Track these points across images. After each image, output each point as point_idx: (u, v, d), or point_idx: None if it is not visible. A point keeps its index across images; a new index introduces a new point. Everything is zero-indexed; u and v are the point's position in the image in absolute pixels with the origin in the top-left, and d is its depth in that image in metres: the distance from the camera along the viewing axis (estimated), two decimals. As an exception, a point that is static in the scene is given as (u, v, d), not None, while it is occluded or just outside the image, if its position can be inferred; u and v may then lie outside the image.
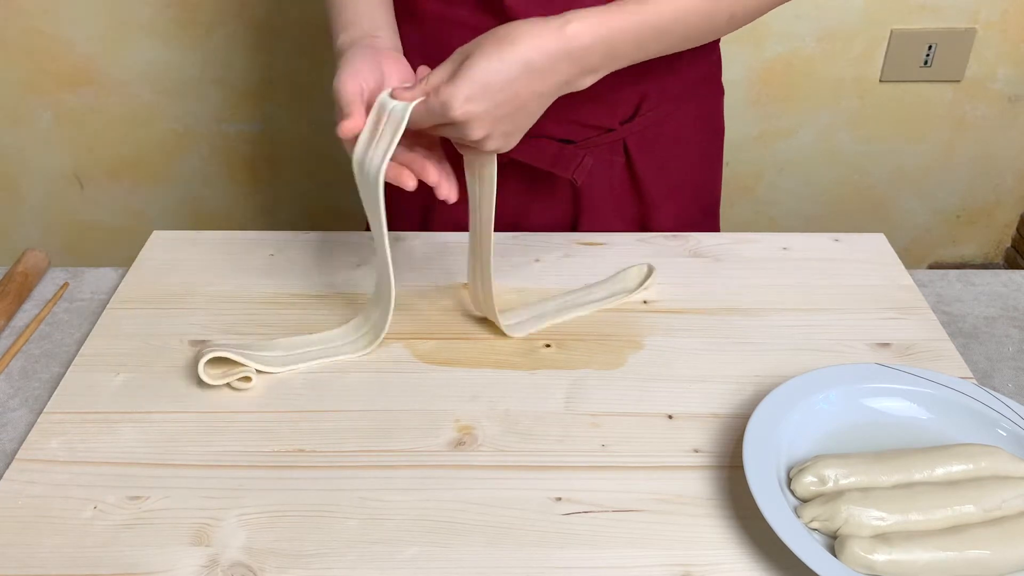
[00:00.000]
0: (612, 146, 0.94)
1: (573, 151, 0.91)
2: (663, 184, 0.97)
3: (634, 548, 0.61)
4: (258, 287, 0.86)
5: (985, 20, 1.76)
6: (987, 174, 1.95)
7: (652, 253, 0.91)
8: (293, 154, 1.86)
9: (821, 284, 0.87)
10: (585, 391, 0.74)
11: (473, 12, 0.86)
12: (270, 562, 0.60)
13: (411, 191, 0.72)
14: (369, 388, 0.75)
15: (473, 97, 0.65)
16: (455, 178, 0.73)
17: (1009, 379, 0.77)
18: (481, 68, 0.65)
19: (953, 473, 0.63)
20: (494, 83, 0.66)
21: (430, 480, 0.66)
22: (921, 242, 2.04)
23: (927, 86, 1.83)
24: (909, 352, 0.78)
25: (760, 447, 0.64)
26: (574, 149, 0.91)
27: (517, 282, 0.87)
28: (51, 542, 0.61)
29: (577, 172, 0.91)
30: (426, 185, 0.97)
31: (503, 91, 0.66)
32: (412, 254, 0.92)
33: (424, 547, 0.61)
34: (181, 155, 1.85)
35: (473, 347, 0.79)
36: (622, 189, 0.97)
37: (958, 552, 0.57)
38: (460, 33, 0.86)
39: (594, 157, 0.92)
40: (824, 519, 0.60)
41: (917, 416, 0.70)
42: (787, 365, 0.76)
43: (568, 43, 0.68)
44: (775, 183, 1.94)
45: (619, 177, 0.96)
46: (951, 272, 0.91)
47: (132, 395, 0.74)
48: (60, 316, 0.84)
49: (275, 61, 1.74)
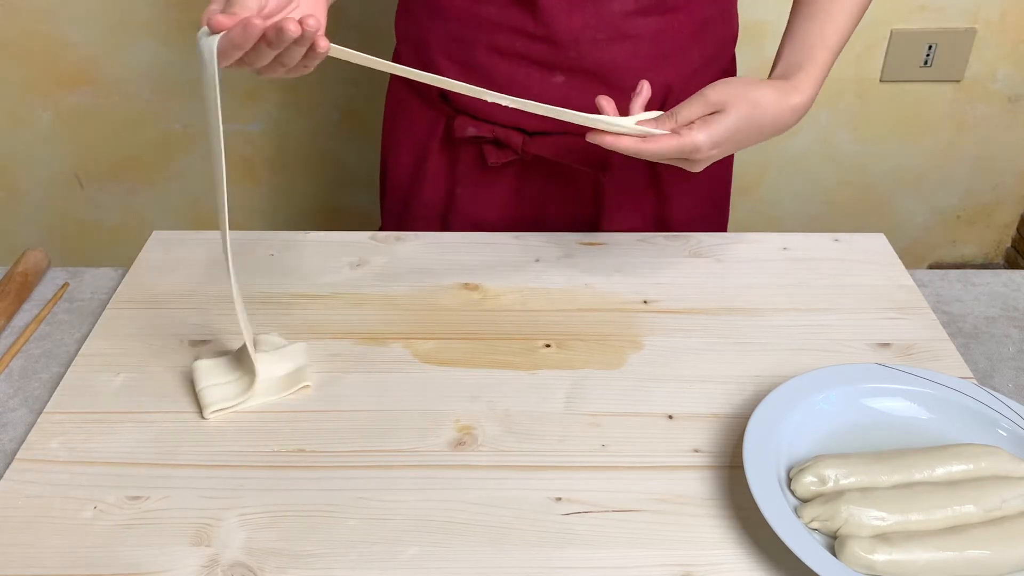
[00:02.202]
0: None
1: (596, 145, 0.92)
2: (681, 178, 0.98)
3: (634, 548, 0.61)
4: (258, 287, 0.86)
5: (985, 20, 1.76)
6: (987, 174, 1.95)
7: (653, 253, 0.91)
8: (293, 154, 1.86)
9: (821, 284, 0.87)
10: (585, 391, 0.74)
11: (502, 8, 0.86)
12: (270, 562, 0.60)
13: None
14: (369, 388, 0.75)
15: (718, 145, 0.76)
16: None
17: (1009, 379, 0.77)
18: (731, 128, 0.76)
19: (953, 473, 0.63)
20: (735, 137, 0.77)
21: (430, 480, 0.66)
22: (921, 242, 2.04)
23: (927, 86, 1.83)
24: (909, 352, 0.78)
25: (760, 447, 0.64)
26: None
27: (517, 282, 0.87)
28: (51, 542, 0.61)
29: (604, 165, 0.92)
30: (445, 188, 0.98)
31: (739, 142, 0.78)
32: (413, 254, 0.92)
33: (424, 547, 0.61)
34: (181, 155, 1.85)
35: (473, 347, 0.79)
36: (642, 183, 0.98)
37: (958, 552, 0.57)
38: (487, 30, 0.87)
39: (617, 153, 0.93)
40: (824, 519, 0.60)
41: (917, 416, 0.70)
42: (787, 365, 0.76)
43: (799, 113, 0.81)
44: (775, 183, 1.94)
45: (639, 175, 0.97)
46: (951, 272, 0.91)
47: (132, 395, 0.73)
48: (60, 316, 0.84)
49: (275, 61, 1.74)
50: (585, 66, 0.88)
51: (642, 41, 0.88)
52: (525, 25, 0.86)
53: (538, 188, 0.97)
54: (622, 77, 0.88)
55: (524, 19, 0.86)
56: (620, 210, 0.98)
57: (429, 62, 0.93)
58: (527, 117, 0.90)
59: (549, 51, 0.87)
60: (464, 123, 0.94)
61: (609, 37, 0.87)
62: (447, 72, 0.91)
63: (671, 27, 0.88)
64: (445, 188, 0.99)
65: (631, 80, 0.88)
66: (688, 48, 0.91)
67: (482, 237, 0.94)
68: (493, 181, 0.97)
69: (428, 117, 0.98)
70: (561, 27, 0.85)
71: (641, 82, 0.79)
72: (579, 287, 0.87)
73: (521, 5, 0.85)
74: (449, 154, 0.98)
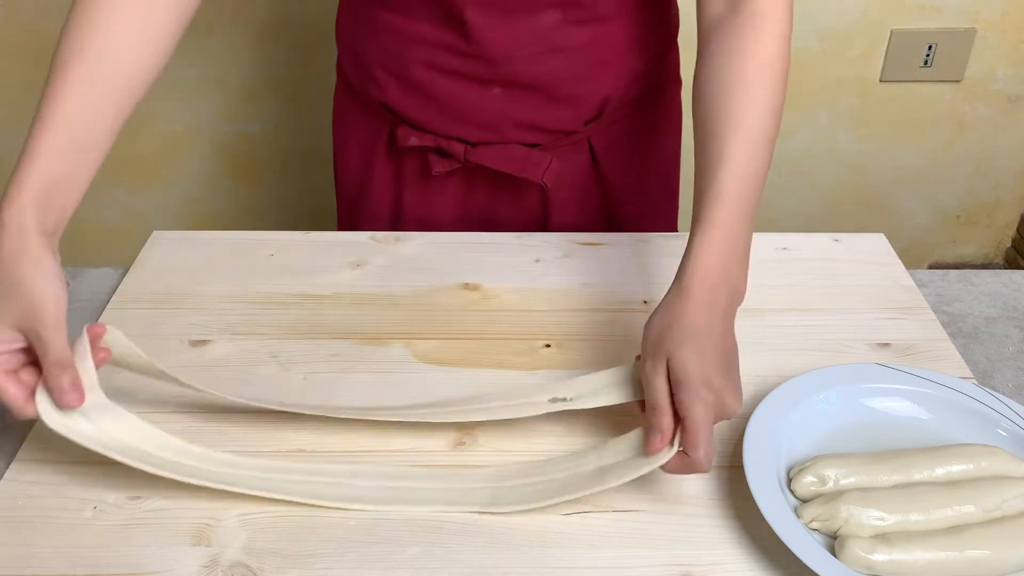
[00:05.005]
0: (577, 145, 0.94)
1: (540, 155, 0.92)
2: (627, 176, 0.99)
3: (634, 548, 0.61)
4: (258, 287, 0.86)
5: (985, 20, 1.76)
6: (987, 174, 1.95)
7: (653, 253, 0.91)
8: (293, 154, 1.86)
9: (821, 284, 0.87)
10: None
11: (435, 28, 0.85)
12: (270, 562, 0.60)
13: None
14: (369, 388, 0.75)
15: (707, 399, 0.61)
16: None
17: (1009, 379, 0.77)
18: (697, 372, 0.61)
19: (953, 473, 0.63)
20: (708, 374, 0.61)
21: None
22: (921, 242, 2.04)
23: (927, 86, 1.83)
24: (909, 352, 0.78)
25: (760, 447, 0.64)
26: (541, 153, 0.92)
27: (517, 282, 0.87)
28: (51, 542, 0.61)
29: (546, 176, 0.92)
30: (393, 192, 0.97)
31: (718, 373, 0.62)
32: (413, 254, 0.91)
33: (424, 547, 0.61)
34: (181, 155, 1.85)
35: (473, 347, 0.79)
36: (588, 184, 0.98)
37: (958, 552, 0.57)
38: (422, 47, 0.86)
39: (560, 157, 0.93)
40: (824, 519, 0.60)
41: (917, 416, 0.70)
42: (787, 365, 0.76)
43: (715, 296, 0.66)
44: (775, 183, 1.94)
45: (585, 173, 0.97)
46: (951, 272, 0.91)
47: (132, 395, 0.73)
48: (60, 316, 0.84)
49: (275, 61, 1.74)
50: (521, 80, 0.87)
51: (576, 52, 0.87)
52: (458, 44, 0.85)
53: (485, 191, 0.97)
54: (560, 87, 0.88)
55: (456, 39, 0.85)
56: (567, 209, 0.98)
57: (369, 74, 0.92)
58: (469, 128, 0.90)
59: (484, 68, 0.86)
60: (406, 133, 0.93)
61: (542, 51, 0.86)
62: (387, 85, 0.91)
63: (604, 36, 0.87)
64: (393, 193, 0.99)
65: (569, 89, 0.88)
66: (624, 55, 0.90)
67: (482, 237, 0.94)
68: (440, 187, 0.97)
69: (372, 125, 0.97)
70: (493, 46, 0.84)
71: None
72: (579, 287, 0.87)
73: (452, 26, 0.84)
74: (395, 161, 0.97)
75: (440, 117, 0.90)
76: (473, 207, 0.98)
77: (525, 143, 0.92)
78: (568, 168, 0.94)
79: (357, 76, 0.95)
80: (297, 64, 1.75)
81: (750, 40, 0.72)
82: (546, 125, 0.91)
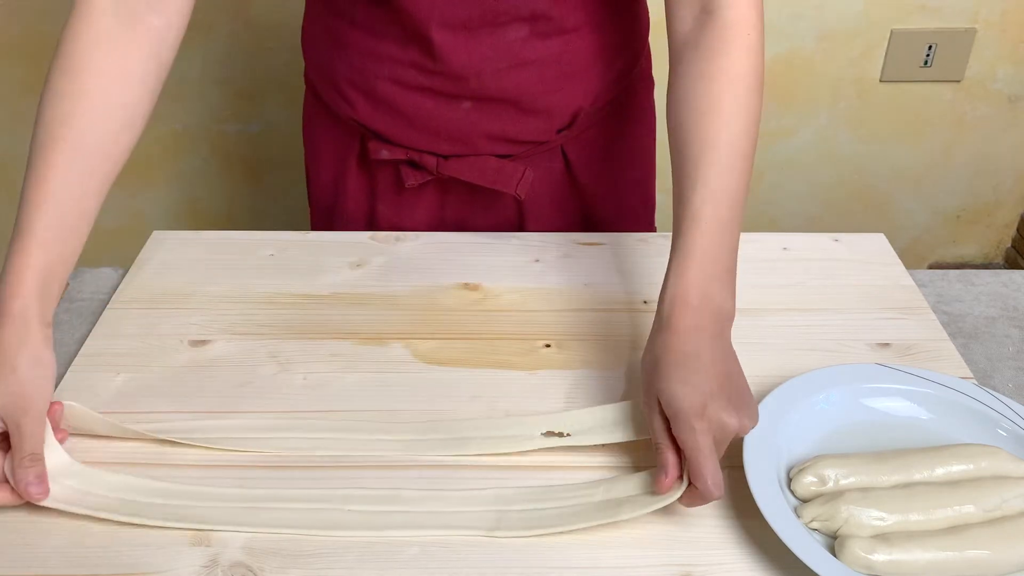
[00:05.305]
0: (551, 153, 0.94)
1: (514, 166, 0.91)
2: (602, 180, 0.98)
3: (634, 548, 0.61)
4: (258, 287, 0.86)
5: (985, 20, 1.76)
6: (987, 174, 1.95)
7: (653, 253, 0.91)
8: (293, 154, 1.85)
9: (821, 284, 0.87)
10: (585, 391, 0.74)
11: (401, 47, 0.85)
12: (270, 562, 0.60)
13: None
14: (369, 388, 0.75)
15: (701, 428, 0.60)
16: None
17: (1009, 379, 0.77)
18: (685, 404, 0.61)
19: (953, 473, 0.63)
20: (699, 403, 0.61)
21: (430, 480, 0.66)
22: (921, 242, 2.04)
23: (927, 86, 1.83)
24: (909, 352, 0.78)
25: (760, 447, 0.64)
26: (514, 164, 0.91)
27: (517, 282, 0.87)
28: (51, 542, 0.61)
29: (519, 187, 0.91)
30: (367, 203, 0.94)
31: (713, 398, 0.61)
32: (412, 254, 0.91)
33: (424, 547, 0.61)
34: (181, 155, 1.85)
35: (473, 347, 0.79)
36: (563, 191, 0.97)
37: (958, 552, 0.57)
38: (388, 65, 0.86)
39: (534, 166, 0.92)
40: (824, 519, 0.60)
41: (917, 416, 0.70)
42: (787, 365, 0.76)
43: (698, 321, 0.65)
44: (775, 183, 1.94)
45: (559, 180, 0.96)
46: (951, 272, 0.91)
47: (132, 395, 0.73)
48: (60, 316, 0.84)
49: (275, 61, 1.74)
50: (491, 94, 0.87)
51: (545, 64, 0.86)
52: (424, 63, 0.85)
53: (459, 201, 0.96)
54: (530, 100, 0.88)
55: (423, 58, 0.84)
56: (542, 215, 0.97)
57: (335, 88, 0.92)
58: (440, 142, 0.90)
59: (452, 84, 0.86)
60: (377, 146, 0.92)
61: (510, 65, 0.85)
62: (356, 102, 0.90)
63: (572, 48, 0.86)
64: (367, 204, 0.98)
65: (540, 102, 0.87)
66: (594, 65, 0.89)
67: (482, 237, 0.94)
68: (414, 198, 0.96)
69: (342, 137, 0.96)
70: (460, 63, 0.84)
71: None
72: (579, 287, 0.87)
73: (418, 45, 0.84)
74: (367, 173, 0.97)
75: (410, 131, 0.90)
76: (448, 217, 0.98)
77: (497, 154, 0.91)
78: (542, 176, 0.94)
79: (325, 90, 0.94)
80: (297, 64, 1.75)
81: (720, 56, 0.72)
82: (518, 136, 0.90)
